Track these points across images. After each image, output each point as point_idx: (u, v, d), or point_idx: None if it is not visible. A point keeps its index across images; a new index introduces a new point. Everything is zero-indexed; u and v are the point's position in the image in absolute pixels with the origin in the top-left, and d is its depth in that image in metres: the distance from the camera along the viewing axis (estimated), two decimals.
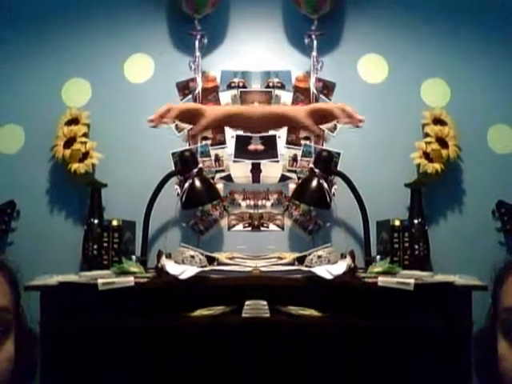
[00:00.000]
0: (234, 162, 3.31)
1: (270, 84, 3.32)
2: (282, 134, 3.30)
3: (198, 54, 3.27)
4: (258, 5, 3.34)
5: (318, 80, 3.30)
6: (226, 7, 3.34)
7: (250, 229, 3.29)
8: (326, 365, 2.76)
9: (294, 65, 3.33)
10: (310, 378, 2.76)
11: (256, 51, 3.34)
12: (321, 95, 3.31)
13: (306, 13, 3.25)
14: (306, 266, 2.90)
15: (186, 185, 3.11)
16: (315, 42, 3.26)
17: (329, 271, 2.78)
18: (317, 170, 3.13)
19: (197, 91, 3.31)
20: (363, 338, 2.73)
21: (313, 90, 3.30)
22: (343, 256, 2.97)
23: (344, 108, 2.87)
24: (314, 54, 3.26)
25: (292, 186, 3.27)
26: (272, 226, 3.29)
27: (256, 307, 2.68)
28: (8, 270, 1.25)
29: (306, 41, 3.27)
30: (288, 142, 3.30)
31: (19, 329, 1.21)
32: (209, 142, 3.30)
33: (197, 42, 3.26)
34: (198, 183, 3.13)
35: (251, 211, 3.30)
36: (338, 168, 3.22)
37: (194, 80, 3.31)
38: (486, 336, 1.24)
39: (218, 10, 3.28)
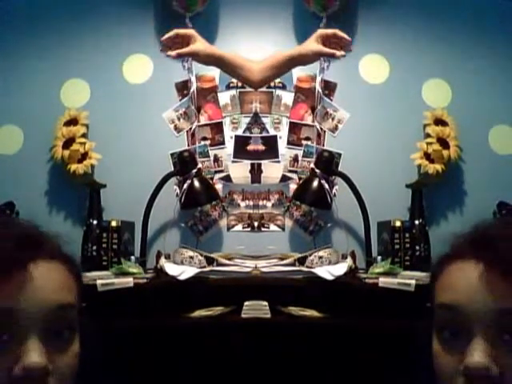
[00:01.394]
0: (233, 162, 3.30)
1: (272, 84, 3.31)
2: (283, 135, 3.29)
3: None
4: (255, 2, 3.35)
5: (320, 80, 3.29)
6: (216, 4, 3.34)
7: (249, 229, 3.27)
8: (327, 365, 2.75)
9: None
10: (311, 379, 2.75)
11: (255, 50, 3.29)
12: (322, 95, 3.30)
13: (316, 10, 3.23)
14: (307, 267, 2.89)
15: (185, 185, 3.10)
16: None
17: (330, 272, 2.78)
18: (318, 171, 3.12)
19: (191, 90, 3.29)
20: (364, 339, 2.72)
21: (318, 89, 3.29)
22: (344, 257, 2.97)
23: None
24: None
25: (293, 187, 3.26)
26: (273, 227, 3.27)
27: (256, 308, 2.67)
28: (75, 265, 1.21)
29: None
30: (289, 143, 3.29)
31: (83, 324, 1.19)
32: (208, 142, 3.30)
33: None
34: (196, 184, 3.12)
35: (250, 211, 3.28)
36: (339, 168, 3.22)
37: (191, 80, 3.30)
38: (422, 332, 1.22)
39: (209, 8, 3.28)
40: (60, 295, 1.12)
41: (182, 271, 2.79)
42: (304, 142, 3.30)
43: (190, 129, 3.31)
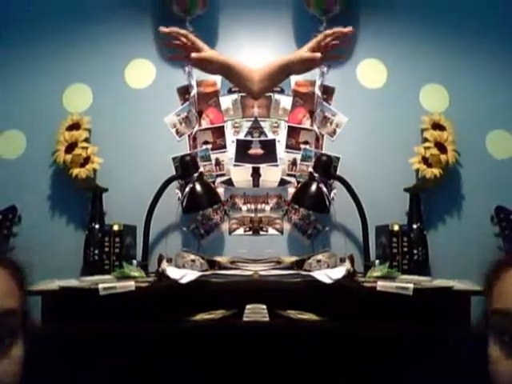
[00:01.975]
0: (235, 166, 3.33)
1: None
2: (281, 139, 3.32)
3: None
4: (255, 6, 3.38)
5: (319, 84, 3.32)
6: (216, 7, 3.37)
7: (250, 233, 3.30)
8: (325, 368, 2.76)
9: None
10: (309, 382, 2.76)
11: (255, 54, 3.33)
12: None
13: (316, 13, 3.25)
14: (306, 270, 2.91)
15: (187, 189, 3.12)
16: None
17: (328, 275, 2.79)
18: (316, 175, 3.14)
19: (192, 95, 3.32)
20: (362, 343, 2.74)
21: (318, 93, 3.31)
22: (342, 260, 2.99)
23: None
24: None
25: (291, 190, 3.29)
26: (271, 230, 3.30)
27: (255, 311, 2.69)
28: (18, 271, 1.22)
29: None
30: (287, 147, 3.32)
31: (26, 331, 1.19)
32: (209, 146, 3.32)
33: None
34: (198, 187, 3.14)
35: (252, 215, 3.31)
36: (338, 172, 3.24)
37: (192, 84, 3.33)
38: (479, 337, 1.23)
39: (209, 11, 3.31)
40: (2, 301, 1.13)
41: (183, 275, 2.80)
42: (302, 146, 3.32)
43: (192, 133, 3.33)
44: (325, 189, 3.13)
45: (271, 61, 2.63)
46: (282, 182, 3.32)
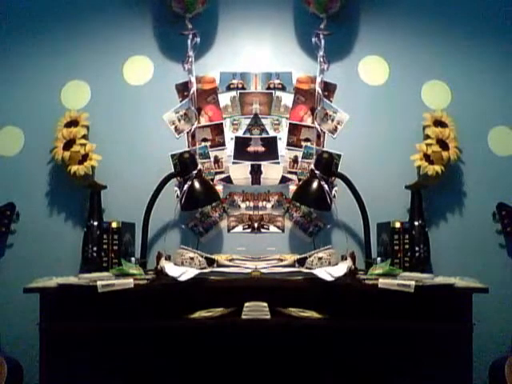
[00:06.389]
0: (234, 163, 3.31)
1: (271, 85, 3.32)
2: (282, 136, 3.30)
3: (190, 53, 3.26)
4: (255, 3, 3.36)
5: (320, 81, 3.30)
6: (216, 5, 3.34)
7: (249, 230, 3.28)
8: (326, 366, 2.75)
9: (295, 66, 3.33)
10: (311, 380, 2.75)
11: (255, 51, 3.35)
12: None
13: (316, 11, 3.22)
14: (307, 268, 2.90)
15: (186, 186, 3.11)
16: (323, 42, 3.24)
17: (329, 273, 2.78)
18: (317, 172, 3.13)
19: (191, 91, 3.30)
20: (363, 340, 2.73)
21: (318, 90, 3.29)
22: (344, 258, 2.98)
23: None
24: (321, 53, 3.26)
25: (292, 188, 3.27)
26: (272, 228, 3.28)
27: (256, 309, 2.68)
28: None
29: (314, 40, 3.25)
30: (289, 144, 3.29)
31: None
32: (208, 143, 3.30)
33: (189, 42, 3.25)
34: (197, 185, 3.13)
35: (251, 213, 3.29)
36: (339, 170, 3.22)
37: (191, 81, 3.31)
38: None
39: (208, 8, 3.27)
40: None
41: (182, 272, 2.79)
42: (304, 144, 3.30)
43: (191, 130, 3.31)
44: (326, 186, 3.12)
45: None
46: (284, 180, 3.30)
